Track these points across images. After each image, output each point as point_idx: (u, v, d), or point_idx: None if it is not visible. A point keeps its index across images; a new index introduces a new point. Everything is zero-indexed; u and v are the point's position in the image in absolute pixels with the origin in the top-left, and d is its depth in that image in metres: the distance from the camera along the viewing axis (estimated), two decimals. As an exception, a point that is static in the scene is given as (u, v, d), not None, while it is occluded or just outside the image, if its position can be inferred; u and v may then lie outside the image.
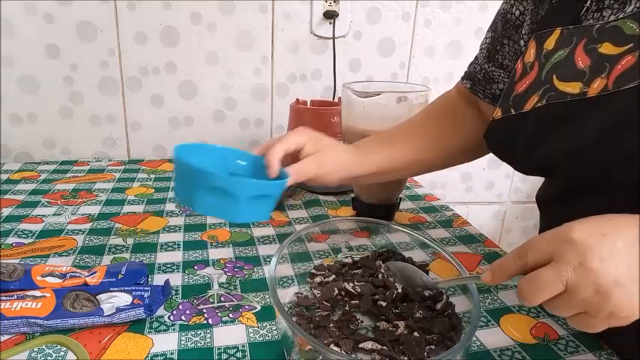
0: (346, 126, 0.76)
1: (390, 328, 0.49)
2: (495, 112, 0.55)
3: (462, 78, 0.71)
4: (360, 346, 0.47)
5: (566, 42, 0.47)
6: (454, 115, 0.70)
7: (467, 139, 0.68)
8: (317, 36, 1.15)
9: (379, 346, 0.46)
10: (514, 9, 0.58)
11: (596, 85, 0.43)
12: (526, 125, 0.50)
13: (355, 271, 0.60)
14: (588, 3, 0.47)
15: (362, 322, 0.52)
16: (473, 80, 0.68)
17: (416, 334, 0.48)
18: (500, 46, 0.62)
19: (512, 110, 0.52)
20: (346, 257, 0.63)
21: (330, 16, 1.12)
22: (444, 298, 0.54)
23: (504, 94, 0.54)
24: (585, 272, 0.34)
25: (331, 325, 0.50)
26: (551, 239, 0.37)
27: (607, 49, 0.43)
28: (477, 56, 0.68)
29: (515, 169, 0.56)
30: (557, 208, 0.55)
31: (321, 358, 0.39)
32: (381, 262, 0.60)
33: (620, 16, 0.43)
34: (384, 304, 0.53)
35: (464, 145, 0.69)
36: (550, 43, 0.49)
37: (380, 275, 0.58)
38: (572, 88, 0.45)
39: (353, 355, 0.46)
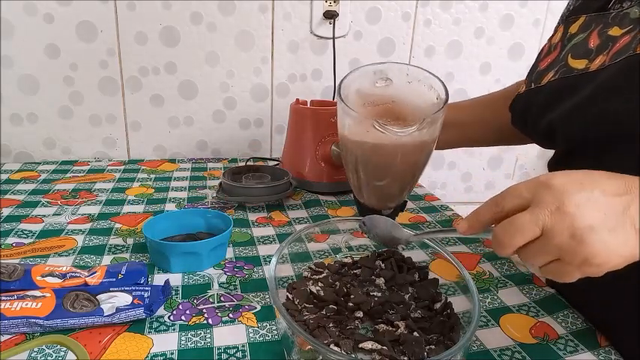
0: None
1: (390, 328, 0.49)
2: (520, 86, 0.60)
3: None
4: (360, 346, 0.47)
5: (587, 27, 0.53)
6: None
7: None
8: (317, 36, 1.15)
9: (379, 346, 0.46)
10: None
11: (598, 61, 0.48)
12: (539, 97, 0.55)
13: (355, 271, 0.60)
14: None
15: (362, 322, 0.52)
16: None
17: (416, 334, 0.48)
18: None
19: (532, 85, 0.57)
20: (346, 257, 0.63)
21: (330, 16, 1.12)
22: (442, 298, 0.54)
23: (530, 71, 0.60)
24: (562, 216, 0.34)
25: (331, 325, 0.50)
26: (530, 185, 0.37)
27: (614, 31, 0.48)
28: None
29: (531, 139, 0.61)
30: None
31: (321, 358, 0.39)
32: (380, 262, 0.60)
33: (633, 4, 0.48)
34: (378, 294, 0.54)
35: None
36: (574, 28, 0.55)
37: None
38: (579, 64, 0.51)
39: (353, 355, 0.46)
